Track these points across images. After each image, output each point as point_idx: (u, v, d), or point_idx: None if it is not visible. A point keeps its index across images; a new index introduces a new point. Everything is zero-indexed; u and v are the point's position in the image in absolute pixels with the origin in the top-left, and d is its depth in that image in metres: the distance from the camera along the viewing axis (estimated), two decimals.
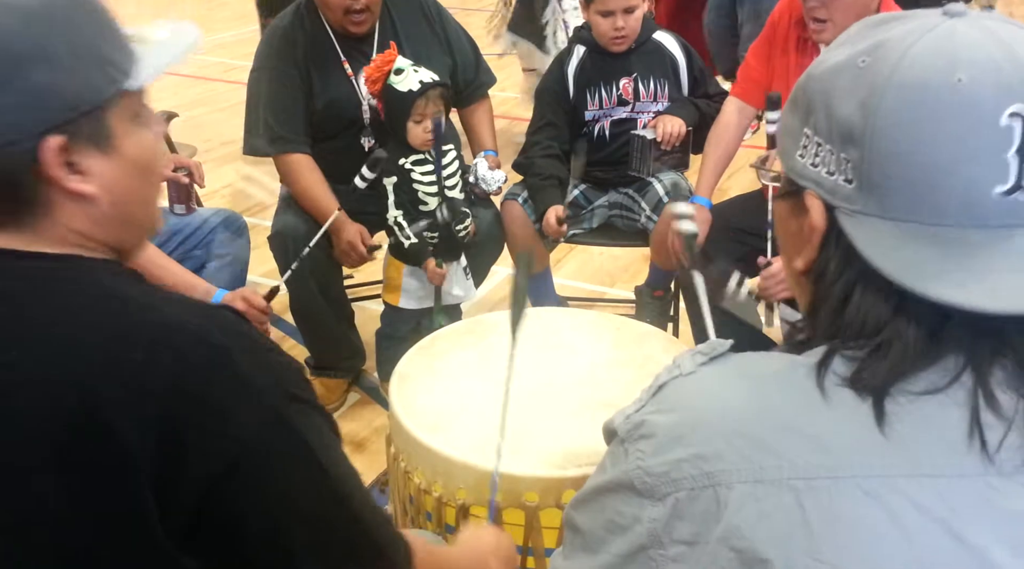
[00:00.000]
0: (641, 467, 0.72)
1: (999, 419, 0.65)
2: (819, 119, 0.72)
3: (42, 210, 0.81)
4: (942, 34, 0.68)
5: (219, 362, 0.78)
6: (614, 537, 0.74)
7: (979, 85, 0.65)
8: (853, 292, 0.70)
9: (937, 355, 0.66)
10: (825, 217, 0.71)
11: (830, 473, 0.65)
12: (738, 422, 0.69)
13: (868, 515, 0.64)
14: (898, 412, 0.66)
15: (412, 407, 1.52)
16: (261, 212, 3.78)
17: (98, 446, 0.73)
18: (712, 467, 0.68)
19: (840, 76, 0.71)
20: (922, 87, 0.66)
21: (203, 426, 0.75)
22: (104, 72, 0.82)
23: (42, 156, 0.78)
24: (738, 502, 0.66)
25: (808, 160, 0.73)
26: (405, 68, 2.20)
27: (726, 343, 0.76)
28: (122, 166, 0.84)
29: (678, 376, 0.75)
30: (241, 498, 0.77)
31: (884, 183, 0.67)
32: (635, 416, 0.76)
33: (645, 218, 2.56)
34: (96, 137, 0.82)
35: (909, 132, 0.66)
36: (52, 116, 0.79)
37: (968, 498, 0.64)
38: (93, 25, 0.83)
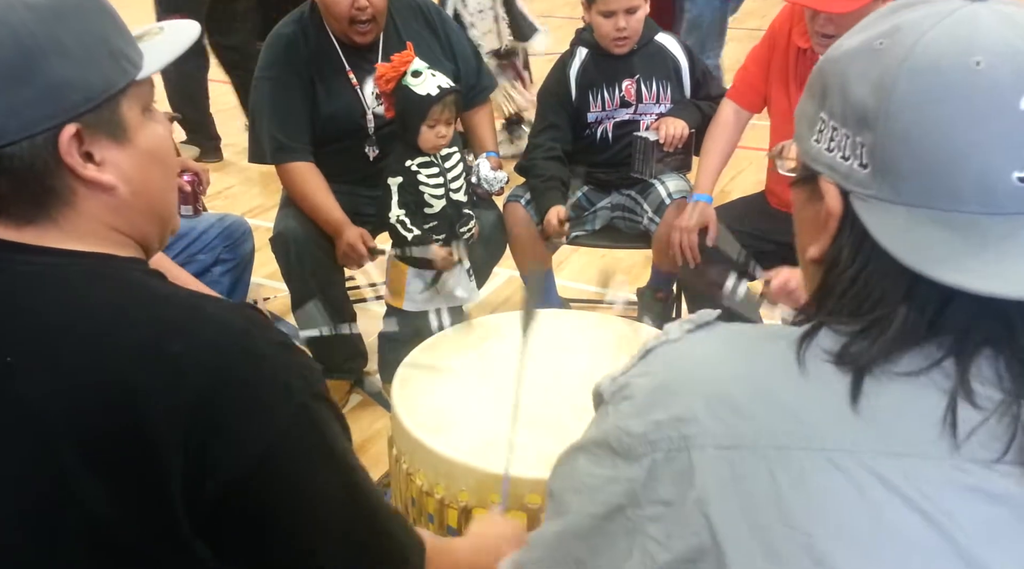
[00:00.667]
0: (620, 427, 0.72)
1: (977, 410, 0.64)
2: (834, 103, 0.71)
3: (65, 202, 0.83)
4: (960, 18, 0.66)
5: (254, 357, 0.79)
6: (588, 497, 0.74)
7: (997, 69, 0.64)
8: (861, 277, 0.69)
9: (928, 338, 0.66)
10: (841, 202, 0.70)
11: (802, 443, 0.65)
12: (718, 386, 0.69)
13: (837, 487, 0.63)
14: (876, 390, 0.65)
15: (414, 409, 1.52)
16: (262, 213, 3.78)
17: (132, 438, 0.74)
18: (689, 430, 0.68)
19: (856, 59, 0.70)
20: (937, 70, 0.65)
21: (236, 418, 0.77)
22: (115, 63, 0.85)
23: (59, 145, 0.80)
24: (711, 466, 0.66)
25: (823, 145, 0.72)
26: (423, 71, 2.19)
27: (714, 312, 0.77)
28: (137, 156, 0.87)
29: (665, 342, 0.76)
30: (268, 492, 0.78)
31: (898, 167, 0.66)
32: (620, 379, 0.76)
33: (647, 220, 2.56)
34: (111, 127, 0.84)
35: (924, 115, 0.65)
36: (69, 108, 0.81)
37: (933, 478, 0.63)
38: (102, 17, 0.86)
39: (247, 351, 0.80)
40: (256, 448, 0.77)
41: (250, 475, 0.77)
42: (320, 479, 0.82)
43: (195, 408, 0.75)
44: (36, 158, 0.80)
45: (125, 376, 0.75)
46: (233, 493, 0.76)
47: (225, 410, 0.76)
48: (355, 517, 0.86)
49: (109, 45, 0.85)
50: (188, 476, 0.75)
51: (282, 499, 0.79)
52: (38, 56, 0.79)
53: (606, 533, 0.72)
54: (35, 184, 0.81)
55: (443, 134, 2.22)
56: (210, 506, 0.76)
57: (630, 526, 0.70)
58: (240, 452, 0.76)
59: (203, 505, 0.76)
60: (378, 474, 2.26)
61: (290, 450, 0.79)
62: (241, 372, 0.78)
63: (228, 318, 0.81)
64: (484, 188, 2.42)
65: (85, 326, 0.78)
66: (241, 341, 0.80)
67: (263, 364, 0.80)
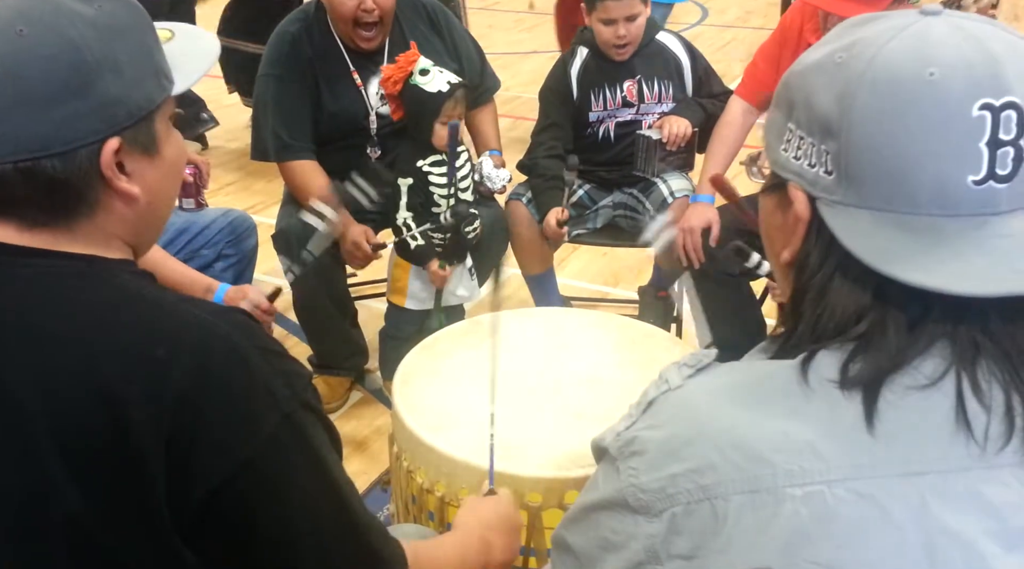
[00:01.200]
0: (635, 485, 0.72)
1: (982, 408, 0.66)
2: (800, 113, 0.74)
3: (89, 211, 0.85)
4: (916, 32, 0.70)
5: (238, 363, 0.79)
6: (608, 555, 0.74)
7: (950, 79, 0.67)
8: (832, 281, 0.71)
9: (922, 348, 0.67)
10: (808, 207, 0.73)
11: (823, 477, 0.65)
12: (730, 434, 0.70)
13: (862, 516, 0.64)
14: (884, 408, 0.66)
15: (415, 406, 1.52)
16: (264, 209, 3.78)
17: (115, 443, 0.74)
18: (707, 480, 0.68)
19: (820, 72, 0.73)
20: (895, 81, 0.68)
21: (220, 425, 0.76)
22: (157, 80, 0.88)
23: (102, 158, 0.83)
24: (736, 513, 0.67)
25: (791, 153, 0.75)
26: (430, 69, 2.19)
27: (711, 353, 0.77)
28: (162, 168, 0.89)
29: (667, 391, 0.76)
30: (251, 499, 0.78)
31: (861, 173, 0.69)
32: (625, 433, 0.76)
33: (649, 218, 2.55)
34: (146, 141, 0.87)
35: (883, 124, 0.68)
36: (115, 123, 0.83)
37: (956, 493, 0.64)
38: (149, 35, 0.89)
39: (232, 357, 0.79)
40: (240, 456, 0.77)
41: (234, 482, 0.76)
42: (304, 489, 0.82)
43: (178, 414, 0.75)
44: (77, 168, 0.82)
45: (109, 380, 0.75)
46: (217, 500, 0.76)
47: (209, 417, 0.76)
48: (337, 528, 0.85)
49: (154, 63, 0.88)
50: (172, 482, 0.75)
51: (265, 508, 0.79)
52: (95, 73, 0.82)
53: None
54: (68, 192, 0.83)
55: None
56: (195, 512, 0.76)
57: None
58: (224, 459, 0.76)
59: (188, 511, 0.76)
60: (378, 472, 2.26)
61: (275, 459, 0.79)
62: (226, 379, 0.78)
63: (214, 323, 0.80)
64: (487, 186, 2.42)
65: (71, 329, 0.78)
66: (227, 347, 0.79)
67: (249, 371, 0.79)
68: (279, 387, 0.80)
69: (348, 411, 2.61)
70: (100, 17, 0.83)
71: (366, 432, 2.51)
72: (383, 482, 2.23)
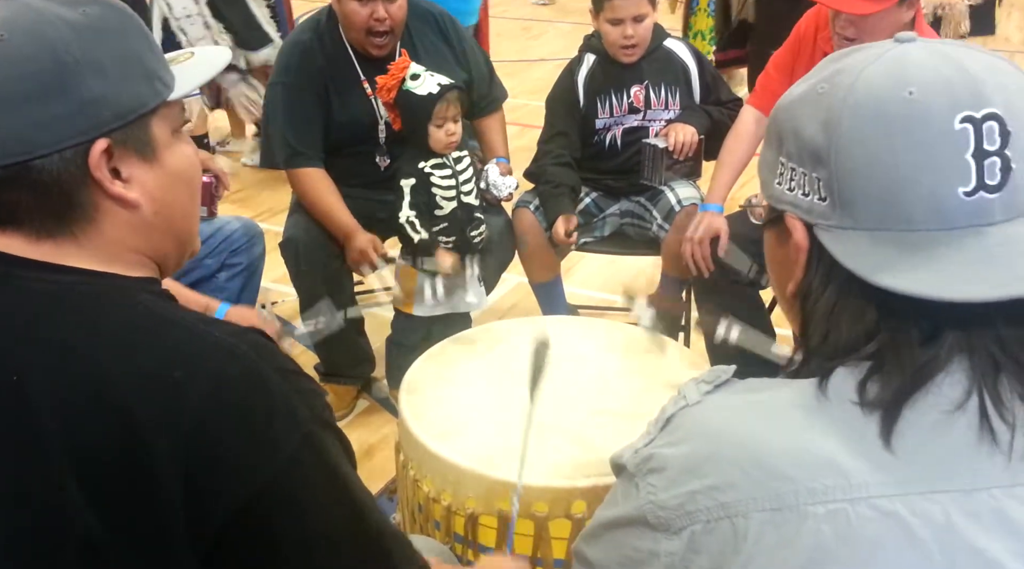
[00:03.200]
0: (654, 502, 0.72)
1: (1006, 425, 0.65)
2: (790, 145, 0.75)
3: (89, 217, 0.83)
4: (892, 57, 0.72)
5: (258, 384, 0.78)
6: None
7: (929, 96, 0.68)
8: (836, 303, 0.72)
9: (942, 364, 0.67)
10: (806, 235, 0.74)
11: (845, 495, 0.65)
12: (749, 450, 0.69)
13: (886, 534, 0.64)
14: (905, 427, 0.66)
15: (422, 415, 1.51)
16: (271, 217, 3.78)
17: (133, 466, 0.73)
18: (727, 498, 0.68)
19: (804, 103, 0.75)
20: (876, 103, 0.70)
21: (240, 446, 0.76)
22: (148, 83, 0.86)
23: (90, 160, 0.81)
24: (757, 531, 0.66)
25: (785, 185, 0.76)
26: (421, 73, 2.20)
27: (729, 369, 0.78)
28: (163, 176, 0.88)
29: (684, 407, 0.76)
30: (272, 520, 0.77)
31: (853, 196, 0.70)
32: (644, 450, 0.76)
33: (656, 227, 2.55)
34: (140, 145, 0.85)
35: (868, 146, 0.70)
36: (101, 123, 0.82)
37: (980, 511, 0.64)
38: (138, 38, 0.87)
39: (252, 378, 0.79)
40: (262, 477, 0.76)
41: (255, 504, 0.76)
42: (326, 507, 0.82)
43: (197, 436, 0.74)
44: (65, 171, 0.81)
45: (128, 402, 0.74)
46: (238, 522, 0.75)
47: (228, 438, 0.75)
48: (360, 544, 0.85)
49: (144, 65, 0.86)
50: (191, 506, 0.74)
51: (287, 527, 0.78)
52: (74, 72, 0.81)
53: None
54: (61, 198, 0.82)
55: (452, 132, 2.22)
56: (214, 534, 0.75)
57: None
58: (245, 481, 0.75)
59: (207, 533, 0.75)
60: (385, 480, 2.26)
61: (296, 478, 0.78)
62: (245, 399, 0.77)
63: (233, 344, 0.80)
64: (493, 193, 2.41)
65: (91, 349, 0.77)
66: (245, 369, 0.79)
67: (268, 391, 0.79)
68: (298, 407, 0.80)
69: (355, 419, 2.61)
70: (83, 20, 0.83)
71: (372, 440, 2.51)
72: (389, 491, 2.22)
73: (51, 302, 0.80)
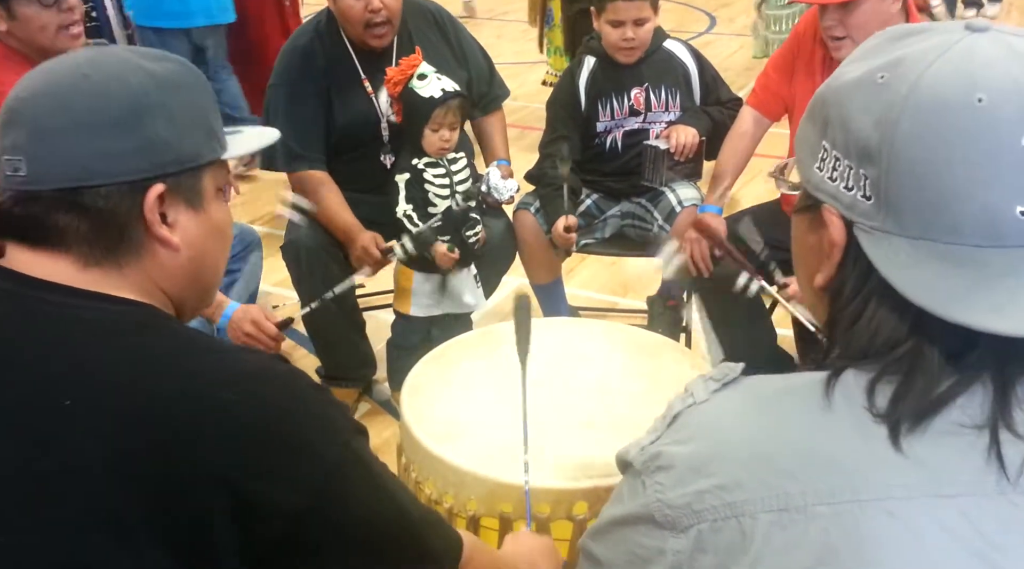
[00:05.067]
0: (661, 500, 0.72)
1: (1017, 438, 0.64)
2: (836, 133, 0.71)
3: (134, 252, 0.89)
4: (963, 51, 0.66)
5: (297, 400, 0.85)
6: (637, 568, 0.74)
7: (1000, 107, 0.64)
8: (867, 309, 0.69)
9: (966, 384, 0.65)
10: (844, 233, 0.70)
11: (854, 496, 0.64)
12: (757, 450, 0.69)
13: (894, 537, 0.63)
14: (914, 436, 0.65)
15: (423, 417, 1.51)
16: (273, 221, 3.79)
17: (185, 484, 0.76)
18: (734, 497, 0.68)
19: (858, 91, 0.69)
20: (941, 108, 0.65)
21: (289, 458, 0.81)
22: (208, 139, 0.94)
23: (146, 199, 0.87)
24: (765, 532, 0.66)
25: (826, 173, 0.71)
26: (429, 74, 2.21)
27: (737, 367, 0.76)
28: (205, 227, 0.94)
29: (692, 405, 0.75)
30: (324, 524, 0.82)
31: (902, 201, 0.66)
32: (651, 447, 0.75)
33: (657, 228, 2.55)
34: (190, 194, 0.92)
35: (927, 152, 0.65)
36: (163, 165, 0.89)
37: (990, 517, 0.63)
38: (206, 99, 0.96)
39: (293, 396, 0.84)
40: (311, 485, 0.81)
41: (307, 512, 0.80)
42: (368, 506, 0.88)
43: (249, 452, 0.79)
44: (120, 205, 0.87)
45: (178, 425, 0.78)
46: (291, 531, 0.80)
47: (278, 453, 0.80)
48: (397, 535, 0.92)
49: (207, 123, 0.94)
50: (244, 519, 0.77)
51: (336, 533, 0.84)
52: (146, 114, 0.87)
53: None
54: (114, 229, 0.87)
55: (446, 138, 2.23)
56: (268, 544, 0.79)
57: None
58: (297, 491, 0.80)
59: (259, 545, 0.79)
60: None
61: (341, 485, 0.84)
62: (289, 416, 0.83)
63: (271, 366, 0.86)
64: (494, 196, 2.42)
65: (139, 375, 0.81)
66: (285, 387, 0.85)
67: (308, 407, 0.85)
68: (335, 418, 0.87)
69: None
70: (162, 72, 0.91)
71: (374, 443, 2.48)
72: None
73: (99, 329, 0.84)
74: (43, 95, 0.87)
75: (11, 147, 0.86)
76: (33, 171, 0.85)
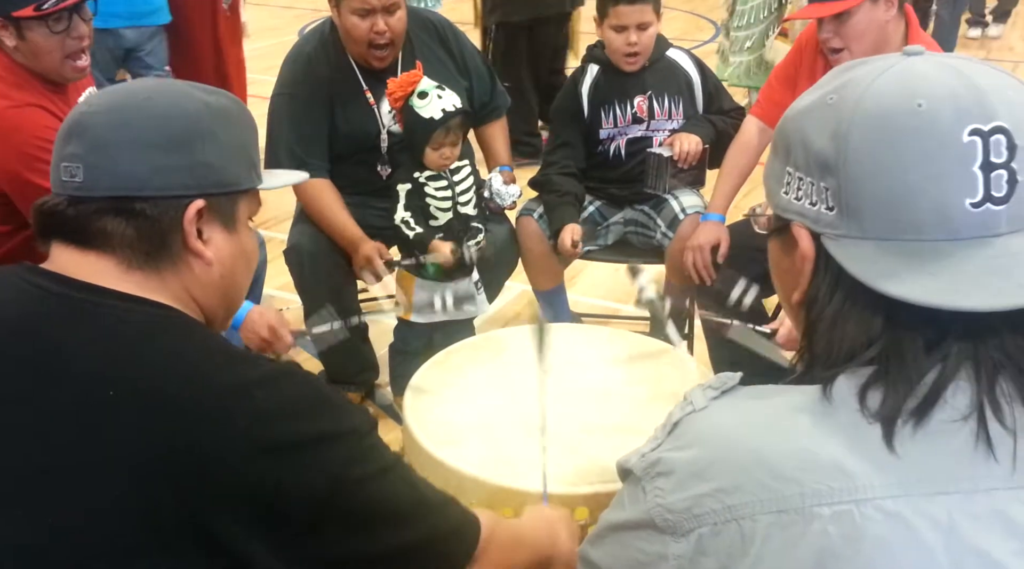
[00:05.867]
0: (661, 505, 0.73)
1: (1006, 431, 0.66)
2: (797, 155, 0.76)
3: (173, 260, 0.96)
4: (901, 69, 0.73)
5: (320, 397, 0.91)
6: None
7: (938, 109, 0.70)
8: (842, 311, 0.73)
9: (950, 376, 0.68)
10: (813, 244, 0.75)
11: (851, 496, 0.66)
12: (755, 454, 0.70)
13: (891, 536, 0.65)
14: (907, 432, 0.67)
15: (425, 422, 1.52)
16: (276, 225, 3.79)
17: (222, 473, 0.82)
18: (734, 500, 0.69)
19: (812, 114, 0.76)
20: (885, 114, 0.71)
21: (317, 448, 0.87)
22: (248, 169, 1.03)
23: (187, 213, 0.95)
24: (764, 534, 0.67)
25: (792, 195, 0.77)
26: (429, 92, 2.20)
27: (735, 376, 0.78)
28: (236, 248, 1.02)
29: (691, 412, 0.77)
30: (344, 510, 0.88)
31: (861, 206, 0.71)
32: (651, 454, 0.77)
33: (660, 235, 2.55)
34: (225, 216, 1.00)
35: (878, 156, 0.71)
36: (206, 185, 0.97)
37: (983, 513, 0.65)
38: (251, 135, 1.05)
39: (316, 394, 0.91)
40: (333, 473, 0.87)
41: (329, 499, 0.86)
42: (384, 489, 0.93)
43: (282, 443, 0.84)
44: (164, 216, 0.94)
45: (211, 423, 0.83)
46: (317, 515, 0.86)
47: (308, 443, 0.86)
48: (421, 513, 0.97)
49: (249, 154, 1.03)
50: (277, 505, 0.83)
51: (356, 516, 0.90)
52: (197, 137, 0.96)
53: None
54: (156, 237, 0.94)
55: (447, 156, 2.23)
56: (293, 532, 0.84)
57: None
58: (325, 475, 0.86)
59: (286, 533, 0.84)
60: None
61: (358, 470, 0.90)
62: (316, 411, 0.89)
63: (293, 368, 0.93)
64: (496, 202, 2.42)
65: (179, 371, 0.86)
66: (309, 385, 0.91)
67: (330, 403, 0.91)
68: (353, 412, 0.93)
69: None
70: (216, 103, 1.00)
71: None
72: None
73: (145, 332, 0.90)
74: (107, 111, 0.95)
75: (71, 155, 0.94)
76: (88, 178, 0.93)
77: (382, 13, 2.27)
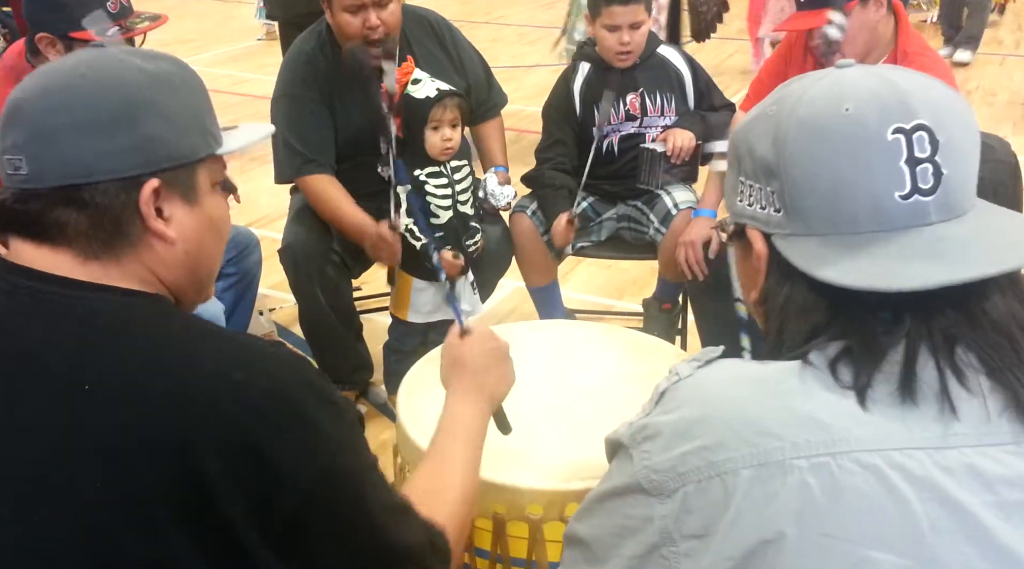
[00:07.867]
0: (647, 466, 0.76)
1: (969, 393, 0.71)
2: (746, 164, 0.84)
3: (131, 245, 0.91)
4: (831, 79, 0.81)
5: (304, 379, 0.88)
6: (624, 541, 0.77)
7: (864, 111, 0.77)
8: (790, 299, 0.79)
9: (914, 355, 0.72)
10: (765, 244, 0.83)
11: (828, 449, 0.69)
12: (739, 412, 0.74)
13: (867, 488, 0.68)
14: (878, 395, 0.72)
15: (419, 418, 1.52)
16: (270, 223, 3.80)
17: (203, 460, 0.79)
18: (717, 457, 0.72)
19: (755, 124, 0.84)
20: (817, 119, 0.78)
21: (302, 433, 0.85)
22: (202, 136, 0.96)
23: (141, 194, 0.90)
24: (745, 487, 0.70)
25: (745, 202, 0.85)
26: (423, 78, 2.23)
27: (717, 349, 0.84)
28: (200, 220, 0.97)
29: (677, 381, 0.81)
30: (331, 503, 0.86)
31: (803, 204, 0.79)
32: (638, 422, 0.80)
33: (653, 230, 2.56)
34: (184, 189, 0.94)
35: (813, 158, 0.78)
36: (157, 161, 0.91)
37: (953, 466, 0.69)
38: (200, 98, 0.98)
39: (301, 377, 0.88)
40: (323, 458, 0.85)
41: (317, 490, 0.84)
42: (372, 485, 0.93)
43: (262, 427, 0.82)
44: (116, 200, 0.89)
45: (194, 405, 0.81)
46: (303, 508, 0.83)
47: (292, 428, 0.84)
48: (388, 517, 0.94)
49: (201, 120, 0.96)
50: (262, 490, 0.81)
51: (340, 509, 0.88)
52: (141, 112, 0.90)
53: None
54: (111, 224, 0.89)
55: (448, 137, 2.23)
56: (282, 521, 0.82)
57: (665, 565, 0.73)
58: (310, 464, 0.84)
59: (276, 521, 0.82)
60: None
61: (344, 463, 0.88)
62: (298, 394, 0.86)
63: (277, 349, 0.90)
64: (491, 202, 2.43)
65: (155, 359, 0.84)
66: (293, 370, 0.88)
67: (315, 389, 0.88)
68: (337, 399, 0.91)
69: None
70: (157, 71, 0.93)
71: (371, 445, 2.51)
72: None
73: (115, 319, 0.87)
74: (42, 95, 0.90)
75: (12, 146, 0.89)
76: (33, 170, 0.88)
77: (373, 7, 2.26)
